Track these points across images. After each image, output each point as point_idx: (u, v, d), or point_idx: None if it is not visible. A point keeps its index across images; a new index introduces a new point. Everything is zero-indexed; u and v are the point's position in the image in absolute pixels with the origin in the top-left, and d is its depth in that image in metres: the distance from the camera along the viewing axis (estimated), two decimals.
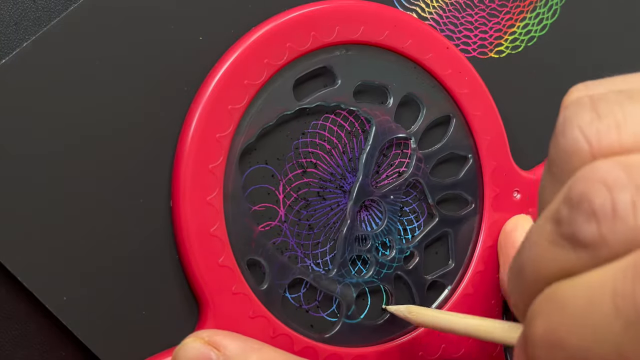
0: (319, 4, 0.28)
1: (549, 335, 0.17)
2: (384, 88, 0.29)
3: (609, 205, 0.16)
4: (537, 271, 0.17)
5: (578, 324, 0.16)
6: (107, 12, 0.26)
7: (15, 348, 0.25)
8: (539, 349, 0.17)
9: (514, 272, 0.19)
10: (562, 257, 0.17)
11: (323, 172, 0.29)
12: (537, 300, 0.17)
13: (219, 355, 0.23)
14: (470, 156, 0.31)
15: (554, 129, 0.18)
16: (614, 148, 0.17)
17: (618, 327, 0.15)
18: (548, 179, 0.19)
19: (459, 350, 0.30)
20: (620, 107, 0.17)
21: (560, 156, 0.18)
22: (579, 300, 0.16)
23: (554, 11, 0.35)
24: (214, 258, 0.26)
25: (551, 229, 0.17)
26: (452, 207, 0.31)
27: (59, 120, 0.25)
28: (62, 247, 0.25)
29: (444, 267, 0.31)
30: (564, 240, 0.17)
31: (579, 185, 0.17)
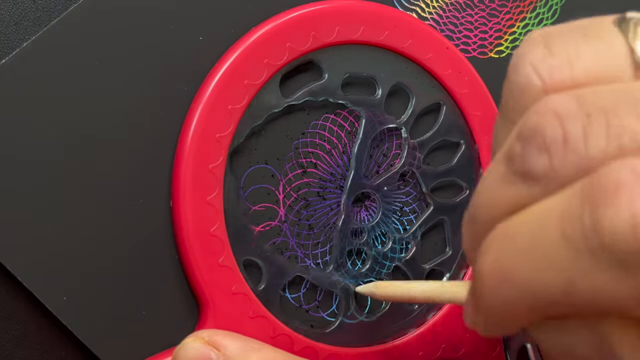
0: (319, 4, 0.28)
1: (497, 269, 0.16)
2: (372, 79, 0.29)
3: (560, 135, 0.16)
4: (489, 211, 0.17)
5: (526, 254, 0.16)
6: (107, 12, 0.26)
7: (15, 348, 0.25)
8: (487, 285, 0.17)
9: (467, 218, 0.18)
10: (513, 193, 0.17)
11: (323, 172, 0.29)
12: (487, 238, 0.17)
13: (219, 355, 0.23)
14: (463, 142, 0.31)
15: (508, 68, 0.18)
16: (566, 83, 0.17)
17: (566, 253, 0.15)
18: (501, 122, 0.18)
19: (459, 350, 0.30)
20: (574, 43, 0.17)
21: (513, 94, 0.18)
22: (527, 230, 0.16)
23: (554, 11, 0.35)
24: (214, 258, 0.26)
25: (503, 167, 0.17)
26: (446, 195, 0.31)
27: (59, 120, 0.25)
28: (62, 247, 0.25)
29: (441, 255, 0.31)
30: (516, 176, 0.17)
31: (531, 118, 0.16)
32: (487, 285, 0.17)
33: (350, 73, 0.29)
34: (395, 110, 0.30)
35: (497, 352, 0.31)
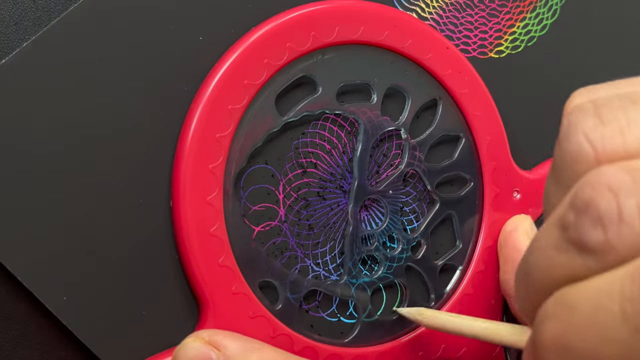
0: (319, 4, 0.28)
1: (558, 339, 0.17)
2: (366, 85, 0.29)
3: (615, 210, 0.16)
4: (545, 276, 0.18)
5: (586, 328, 0.16)
6: (107, 12, 0.26)
7: (15, 348, 0.25)
8: (548, 353, 0.17)
9: (521, 277, 0.19)
10: (569, 262, 0.17)
11: (323, 172, 0.29)
12: (545, 305, 0.17)
13: (219, 355, 0.23)
14: (462, 135, 0.31)
15: (558, 134, 0.18)
16: (619, 153, 0.17)
17: (625, 331, 0.15)
18: (553, 184, 0.19)
19: (459, 351, 0.30)
20: (624, 112, 0.17)
21: (565, 161, 0.18)
22: (587, 304, 0.16)
23: (554, 11, 0.35)
24: (214, 258, 0.26)
25: (558, 234, 0.17)
26: (451, 189, 0.31)
27: (59, 120, 0.25)
28: (62, 247, 0.25)
29: (452, 249, 0.31)
30: (571, 245, 0.17)
31: (585, 190, 0.17)
32: (549, 353, 0.17)
33: (344, 82, 0.29)
34: (392, 111, 0.30)
35: (497, 352, 0.31)
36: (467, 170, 0.31)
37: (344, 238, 0.29)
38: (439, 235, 0.31)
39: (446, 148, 0.31)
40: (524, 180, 0.32)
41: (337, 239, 0.29)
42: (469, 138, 0.31)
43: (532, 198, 0.32)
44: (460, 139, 0.31)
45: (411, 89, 0.30)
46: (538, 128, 0.34)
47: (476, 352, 0.30)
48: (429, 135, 0.30)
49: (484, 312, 0.31)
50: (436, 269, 0.30)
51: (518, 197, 0.32)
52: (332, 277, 0.29)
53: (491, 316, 0.31)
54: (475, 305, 0.31)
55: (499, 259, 0.30)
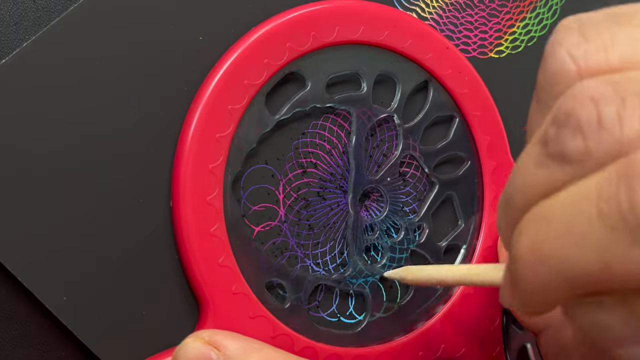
0: (319, 4, 0.28)
1: (533, 251, 0.17)
2: (355, 75, 0.29)
3: (595, 118, 0.16)
4: (524, 194, 0.18)
5: (562, 234, 0.16)
6: (107, 12, 0.26)
7: (15, 348, 0.25)
8: (524, 265, 0.17)
9: (503, 202, 0.19)
10: (548, 175, 0.17)
11: (323, 172, 0.29)
12: (522, 220, 0.17)
13: (220, 355, 0.23)
14: (455, 114, 0.31)
15: (543, 54, 0.19)
16: (602, 68, 0.17)
17: (602, 232, 0.15)
18: (536, 107, 0.19)
19: (459, 351, 0.30)
20: (608, 30, 0.18)
21: (548, 80, 0.18)
22: (562, 211, 0.16)
23: (554, 11, 0.35)
24: (214, 258, 0.26)
25: (538, 150, 0.17)
26: (449, 169, 0.31)
27: (59, 120, 0.25)
28: (62, 247, 0.25)
29: (454, 229, 0.31)
30: (551, 159, 0.17)
31: (566, 102, 0.17)
32: (524, 267, 0.17)
33: (332, 74, 0.29)
34: (384, 99, 0.30)
35: (497, 352, 0.31)
36: (463, 149, 0.31)
37: (346, 229, 0.29)
38: (441, 216, 0.31)
39: (441, 130, 0.31)
40: None
41: (337, 239, 0.29)
42: (462, 118, 0.31)
43: None
44: (454, 119, 0.31)
45: (401, 74, 0.30)
46: None
47: (476, 352, 0.30)
48: (422, 117, 0.30)
49: (484, 312, 0.31)
50: (440, 251, 0.30)
51: None
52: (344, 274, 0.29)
53: (490, 316, 0.31)
54: (475, 305, 0.31)
55: (499, 259, 0.30)
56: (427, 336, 0.29)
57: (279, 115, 0.28)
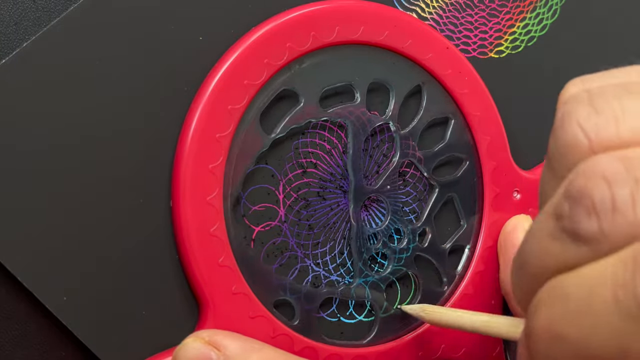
0: (319, 4, 0.28)
1: (551, 328, 0.17)
2: (348, 85, 0.29)
3: (609, 199, 0.16)
4: (539, 265, 0.18)
5: (579, 315, 0.16)
6: (107, 12, 0.26)
7: (15, 348, 0.25)
8: (540, 342, 0.17)
9: (517, 266, 0.19)
10: (563, 251, 0.17)
11: (323, 172, 0.29)
12: (539, 294, 0.17)
13: (220, 355, 0.23)
14: (451, 116, 0.31)
15: (553, 124, 0.19)
16: (613, 142, 0.17)
17: (618, 318, 0.15)
18: (548, 174, 0.19)
19: (459, 350, 0.30)
20: (618, 101, 0.17)
21: (560, 151, 0.18)
22: (579, 292, 0.16)
23: (554, 11, 0.35)
24: (214, 258, 0.26)
25: (552, 223, 0.17)
26: (448, 171, 0.31)
27: (59, 120, 0.25)
28: (62, 247, 0.25)
29: (457, 230, 0.31)
30: (565, 234, 0.17)
31: (579, 180, 0.17)
32: (540, 343, 0.17)
33: (325, 87, 0.28)
34: (379, 106, 0.30)
35: (497, 352, 0.31)
36: (461, 150, 0.31)
37: (350, 240, 0.29)
38: (443, 219, 0.31)
39: (437, 132, 0.31)
40: (524, 180, 0.32)
41: (337, 239, 0.29)
42: (458, 118, 0.31)
43: (532, 198, 0.32)
44: (450, 121, 0.31)
45: (394, 80, 0.30)
46: (538, 128, 0.34)
47: (476, 352, 0.30)
48: (418, 122, 0.30)
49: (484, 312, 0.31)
50: (445, 253, 0.31)
51: (518, 197, 0.32)
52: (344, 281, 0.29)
53: None
54: (475, 305, 0.31)
55: (499, 259, 0.30)
56: (427, 336, 0.29)
57: (274, 134, 0.28)
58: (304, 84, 0.28)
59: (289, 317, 0.27)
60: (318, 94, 0.28)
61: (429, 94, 0.30)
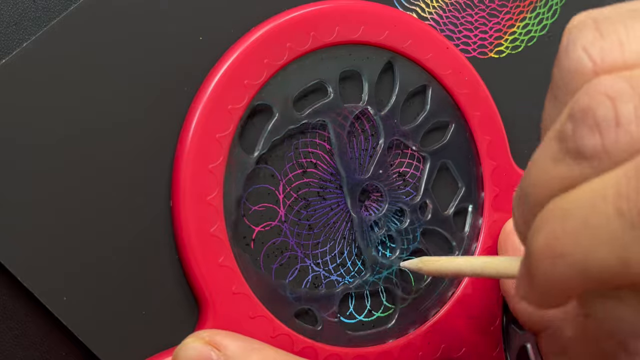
0: (319, 4, 0.28)
1: (550, 246, 0.17)
2: (320, 84, 0.29)
3: (612, 115, 0.16)
4: (540, 190, 0.18)
5: (579, 230, 0.16)
6: (107, 12, 0.26)
7: (15, 348, 0.25)
8: (541, 262, 0.17)
9: (518, 197, 0.19)
10: (565, 172, 0.17)
11: (323, 172, 0.29)
12: (539, 216, 0.17)
13: (220, 356, 0.23)
14: (427, 84, 0.30)
15: (557, 53, 0.19)
16: (617, 65, 0.17)
17: (620, 229, 0.15)
18: (550, 104, 0.19)
19: (459, 351, 0.30)
20: (623, 26, 0.18)
21: (564, 77, 0.18)
22: (580, 207, 0.16)
23: (554, 11, 0.35)
24: (214, 258, 0.26)
25: (555, 147, 0.17)
26: (436, 137, 0.31)
27: (58, 120, 0.25)
28: (62, 247, 0.25)
29: (456, 193, 0.31)
30: (568, 155, 0.17)
31: (582, 99, 0.17)
32: (541, 263, 0.17)
33: (296, 91, 0.28)
34: (355, 93, 0.30)
35: (497, 352, 0.31)
36: (445, 115, 0.31)
37: (354, 235, 0.29)
38: (440, 186, 0.31)
39: (417, 102, 0.31)
40: None
41: (337, 239, 0.29)
42: (436, 85, 0.31)
43: None
44: (427, 88, 0.30)
45: (363, 66, 0.29)
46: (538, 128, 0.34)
47: (476, 352, 0.30)
48: (397, 95, 0.30)
49: (484, 312, 0.31)
50: (449, 219, 0.31)
51: None
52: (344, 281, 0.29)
53: (491, 316, 0.31)
54: (475, 305, 0.31)
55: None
56: (427, 336, 0.29)
57: (257, 152, 0.27)
58: (275, 95, 0.28)
59: (289, 317, 0.27)
60: (290, 102, 0.28)
61: (400, 69, 0.30)
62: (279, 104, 0.28)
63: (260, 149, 0.28)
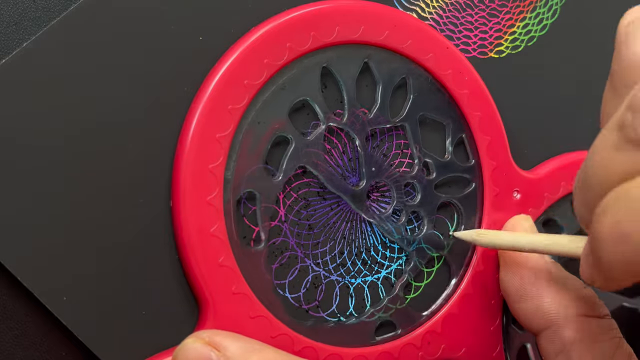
0: (319, 4, 0.28)
1: (616, 230, 0.17)
2: (302, 102, 0.28)
3: None
4: (603, 177, 0.18)
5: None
6: (107, 12, 0.26)
7: (15, 348, 0.25)
8: (606, 245, 0.18)
9: (580, 183, 0.20)
10: (627, 159, 0.18)
11: (329, 166, 0.29)
12: (604, 200, 0.18)
13: (220, 356, 0.23)
14: (407, 75, 0.30)
15: (615, 45, 0.19)
16: None
17: None
18: (609, 94, 0.20)
19: (459, 350, 0.30)
20: None
21: (623, 70, 0.19)
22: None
23: (554, 11, 0.35)
24: (214, 258, 0.26)
25: (615, 135, 0.18)
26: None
27: (58, 120, 0.25)
28: (62, 247, 0.25)
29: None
30: (629, 143, 0.18)
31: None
32: (607, 245, 0.18)
33: (289, 109, 0.28)
34: (331, 100, 0.29)
35: (497, 352, 0.31)
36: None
37: (377, 232, 0.29)
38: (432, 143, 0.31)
39: (400, 96, 0.30)
40: (524, 180, 0.32)
41: (337, 239, 0.29)
42: (427, 73, 0.31)
43: (532, 198, 0.32)
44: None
45: (334, 65, 0.29)
46: (538, 128, 0.34)
47: (476, 352, 0.30)
48: (382, 91, 0.30)
49: (484, 312, 0.31)
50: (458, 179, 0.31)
51: (518, 197, 0.32)
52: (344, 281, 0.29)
53: (490, 316, 0.31)
54: (475, 305, 0.31)
55: (499, 259, 0.30)
56: (427, 336, 0.29)
57: (281, 177, 0.28)
58: (263, 113, 0.27)
59: (289, 317, 0.27)
60: (304, 132, 0.28)
61: (378, 62, 0.30)
62: (295, 138, 0.28)
63: (281, 176, 0.28)
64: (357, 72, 0.29)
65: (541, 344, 0.28)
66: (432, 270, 0.31)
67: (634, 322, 0.35)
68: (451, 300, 0.30)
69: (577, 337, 0.27)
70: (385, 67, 0.30)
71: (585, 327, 0.27)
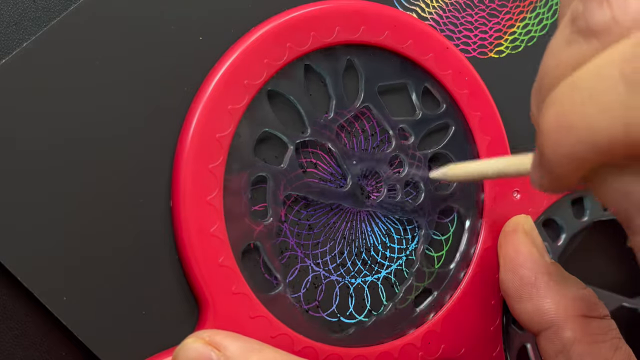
0: (319, 4, 0.28)
1: (559, 121, 0.17)
2: (298, 113, 0.29)
3: None
4: (554, 73, 0.18)
5: (585, 100, 0.17)
6: (107, 12, 0.26)
7: (15, 348, 0.25)
8: (549, 137, 0.18)
9: (535, 86, 0.19)
10: (577, 51, 0.17)
11: (323, 172, 0.29)
12: (549, 96, 0.18)
13: (220, 356, 0.23)
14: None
15: None
16: None
17: (624, 93, 0.16)
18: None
19: (459, 351, 0.30)
20: None
21: None
22: (587, 78, 0.17)
23: (554, 11, 0.35)
24: (214, 258, 0.26)
25: (568, 30, 0.18)
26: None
27: (58, 120, 0.25)
28: (62, 247, 0.25)
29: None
30: (579, 34, 0.17)
31: None
32: (550, 138, 0.18)
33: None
34: (320, 103, 0.29)
35: (497, 352, 0.31)
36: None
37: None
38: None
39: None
40: (524, 180, 0.32)
41: (337, 239, 0.29)
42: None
43: (532, 198, 0.32)
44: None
45: (322, 65, 0.29)
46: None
47: (476, 352, 0.30)
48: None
49: (484, 312, 0.31)
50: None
51: (518, 197, 0.32)
52: (344, 280, 0.29)
53: (490, 316, 0.31)
54: (475, 305, 0.31)
55: (499, 259, 0.30)
56: (427, 336, 0.29)
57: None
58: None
59: (289, 317, 0.27)
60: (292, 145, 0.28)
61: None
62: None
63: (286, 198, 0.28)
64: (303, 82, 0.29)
65: (541, 344, 0.28)
66: (441, 253, 0.31)
67: (634, 322, 0.35)
68: (451, 301, 0.30)
69: (577, 337, 0.27)
70: (326, 63, 0.29)
71: (585, 327, 0.27)
